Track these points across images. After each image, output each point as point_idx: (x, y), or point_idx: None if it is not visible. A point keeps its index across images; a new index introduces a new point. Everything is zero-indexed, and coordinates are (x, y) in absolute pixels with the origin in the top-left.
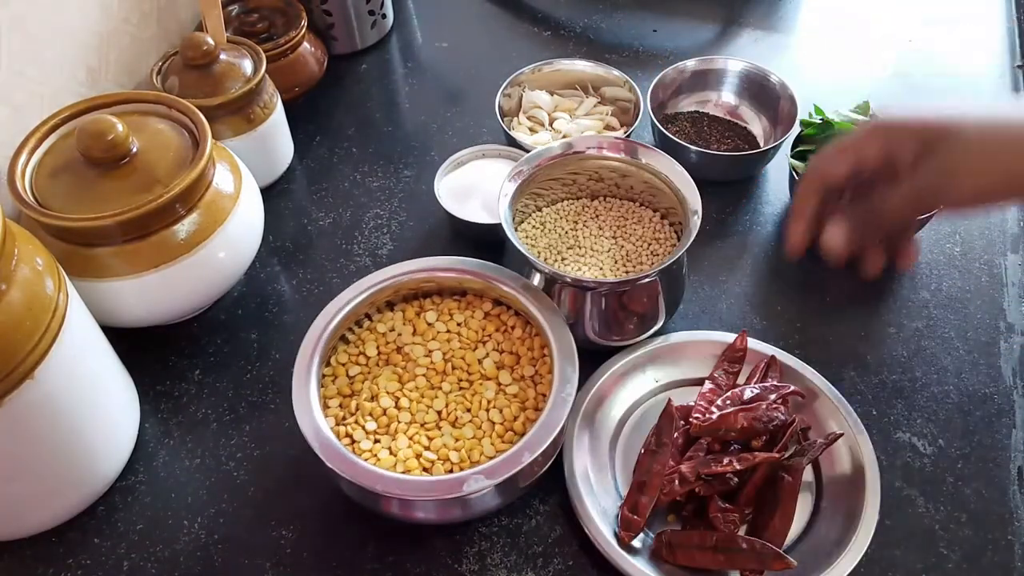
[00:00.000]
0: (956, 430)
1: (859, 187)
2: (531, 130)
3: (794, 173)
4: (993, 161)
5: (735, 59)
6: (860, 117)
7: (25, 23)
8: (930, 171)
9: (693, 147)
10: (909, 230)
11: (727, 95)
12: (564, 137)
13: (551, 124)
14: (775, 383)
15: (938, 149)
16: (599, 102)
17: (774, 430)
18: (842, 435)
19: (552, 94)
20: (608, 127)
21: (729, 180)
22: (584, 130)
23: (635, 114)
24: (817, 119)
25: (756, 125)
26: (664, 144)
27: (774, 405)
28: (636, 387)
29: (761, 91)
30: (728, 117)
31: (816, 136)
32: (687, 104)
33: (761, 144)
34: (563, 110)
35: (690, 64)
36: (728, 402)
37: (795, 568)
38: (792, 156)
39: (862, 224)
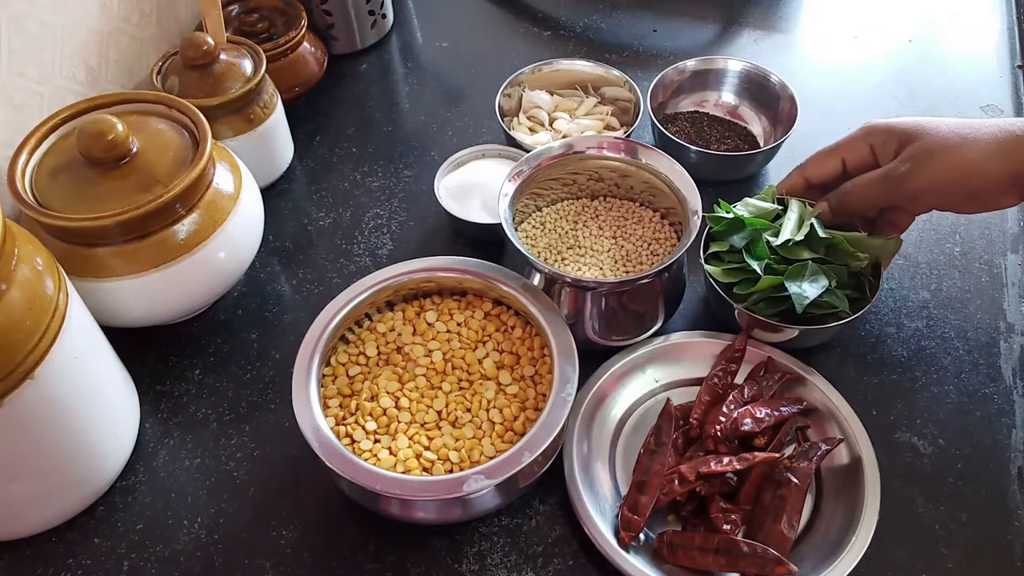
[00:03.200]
0: (956, 430)
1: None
2: (531, 130)
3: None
4: (952, 157)
5: (735, 59)
6: (766, 205)
7: (25, 23)
8: (901, 160)
9: (693, 147)
10: (892, 216)
11: (727, 95)
12: (564, 137)
13: (551, 124)
14: (765, 374)
15: (912, 142)
16: (599, 102)
17: (776, 424)
18: (842, 440)
19: (552, 94)
20: (608, 127)
21: (729, 180)
22: (584, 130)
23: (635, 114)
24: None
25: (756, 125)
26: (664, 144)
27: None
28: (636, 387)
29: (761, 91)
30: (728, 117)
31: (725, 232)
32: (687, 104)
33: (761, 144)
34: (563, 110)
35: (690, 64)
36: (733, 404)
37: (796, 574)
38: (705, 261)
39: (838, 200)
